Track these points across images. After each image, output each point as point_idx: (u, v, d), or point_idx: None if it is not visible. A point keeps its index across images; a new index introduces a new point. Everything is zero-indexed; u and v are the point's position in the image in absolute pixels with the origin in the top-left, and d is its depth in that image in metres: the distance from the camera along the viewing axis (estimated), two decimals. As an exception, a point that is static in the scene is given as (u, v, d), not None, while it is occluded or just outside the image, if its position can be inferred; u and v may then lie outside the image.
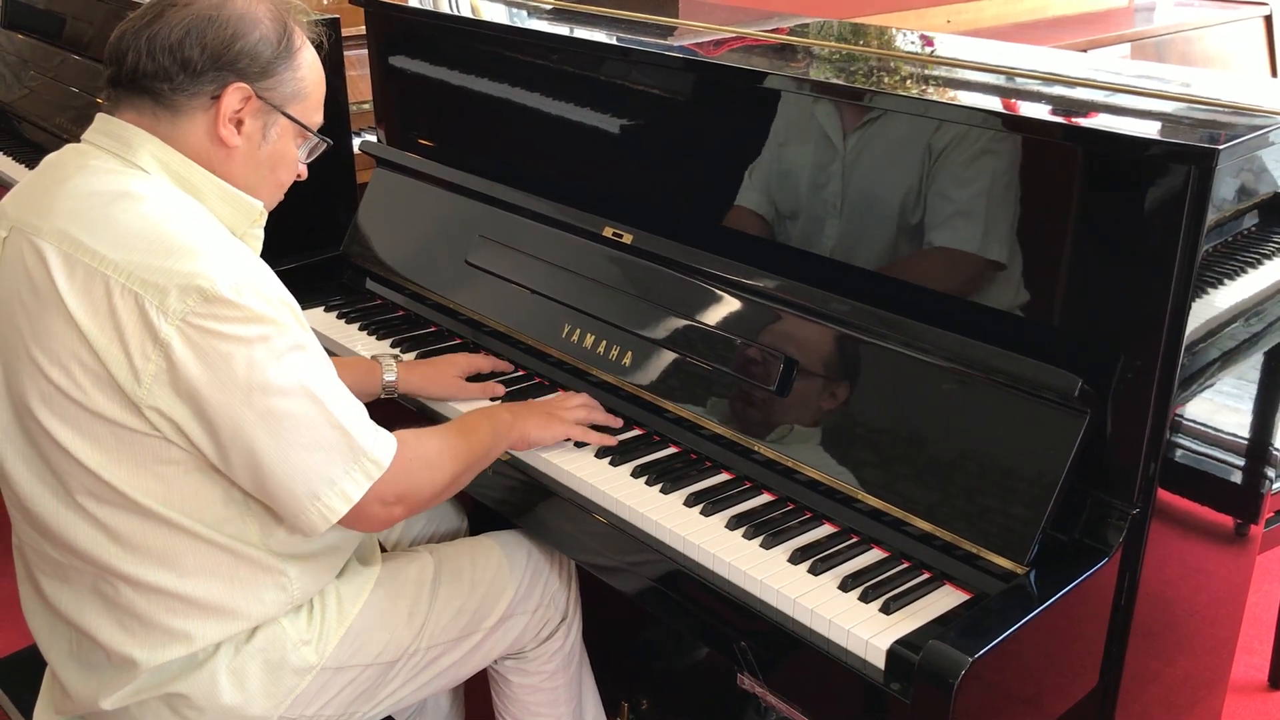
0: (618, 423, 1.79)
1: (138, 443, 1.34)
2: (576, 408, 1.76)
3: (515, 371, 1.98)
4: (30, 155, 3.24)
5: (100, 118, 1.45)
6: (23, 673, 1.82)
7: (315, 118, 1.52)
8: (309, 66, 1.49)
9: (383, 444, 1.42)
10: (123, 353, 1.30)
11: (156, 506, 1.37)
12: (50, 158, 1.48)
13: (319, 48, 1.52)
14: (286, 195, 1.59)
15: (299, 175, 1.57)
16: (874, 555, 1.49)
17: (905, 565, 1.46)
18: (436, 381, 1.91)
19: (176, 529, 1.39)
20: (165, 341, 1.29)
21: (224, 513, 1.41)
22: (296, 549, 1.48)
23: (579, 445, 1.73)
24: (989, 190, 1.51)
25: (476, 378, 1.95)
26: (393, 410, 1.92)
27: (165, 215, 1.35)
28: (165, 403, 1.31)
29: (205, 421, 1.32)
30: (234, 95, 1.41)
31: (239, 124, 1.43)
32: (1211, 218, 1.34)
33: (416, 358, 2.05)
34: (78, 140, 1.48)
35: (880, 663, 1.31)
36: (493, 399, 1.89)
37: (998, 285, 1.52)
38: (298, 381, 1.34)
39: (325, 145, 1.55)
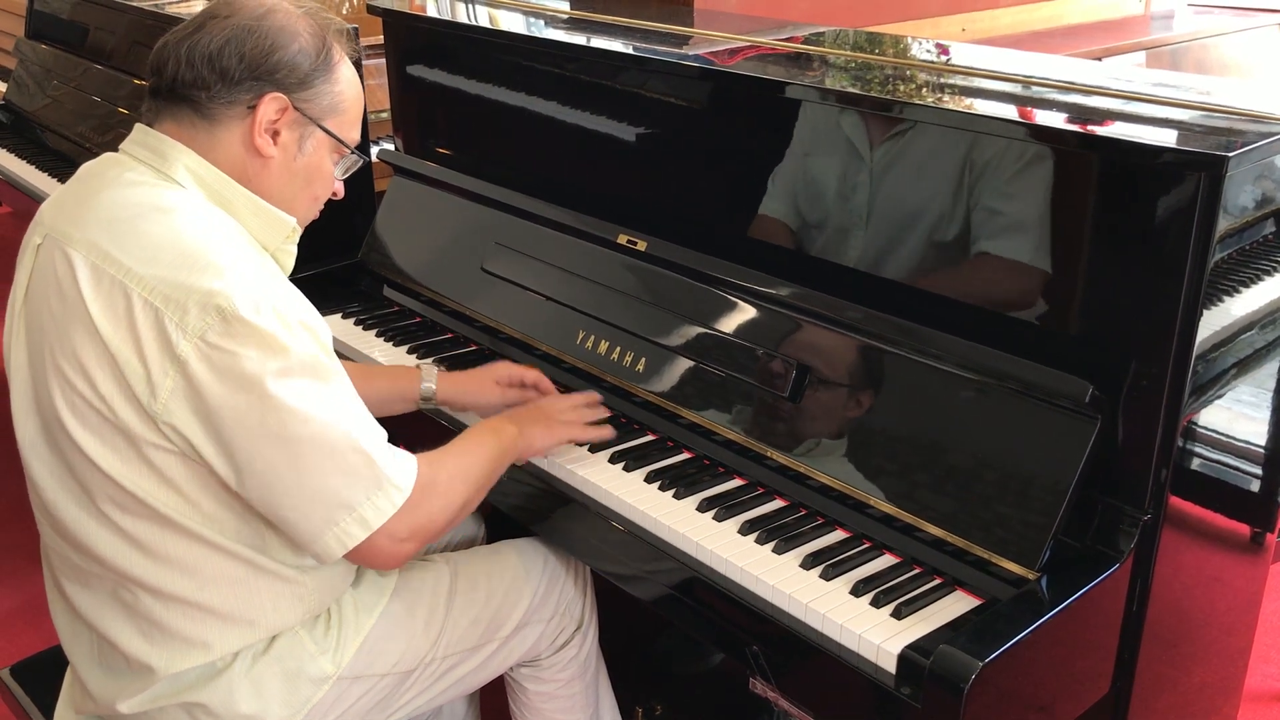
0: (606, 411, 1.79)
1: (156, 456, 1.34)
2: (572, 408, 1.76)
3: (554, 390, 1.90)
4: (52, 164, 3.28)
5: (138, 129, 1.45)
6: (44, 674, 1.85)
7: (352, 134, 1.52)
8: (347, 82, 1.49)
9: (405, 469, 1.40)
10: (142, 366, 1.30)
11: (176, 517, 1.37)
12: (87, 166, 1.49)
13: (356, 64, 1.53)
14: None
15: (335, 193, 1.56)
16: (886, 560, 1.49)
17: (917, 570, 1.46)
18: (477, 391, 1.86)
19: (196, 539, 1.39)
20: (182, 359, 1.28)
21: (241, 526, 1.41)
22: (313, 560, 1.49)
23: (593, 450, 1.74)
24: (1003, 198, 1.51)
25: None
26: (419, 424, 1.91)
27: (194, 229, 1.35)
28: (181, 420, 1.31)
29: (221, 443, 1.31)
30: (270, 105, 1.41)
31: (275, 135, 1.44)
32: (1224, 225, 1.34)
33: (435, 362, 2.06)
34: (97, 149, 1.49)
35: (891, 667, 1.31)
36: None
37: (1010, 292, 1.53)
38: (314, 406, 1.32)
39: (361, 162, 1.56)
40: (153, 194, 1.39)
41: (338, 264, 2.38)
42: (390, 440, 1.42)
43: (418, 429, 1.89)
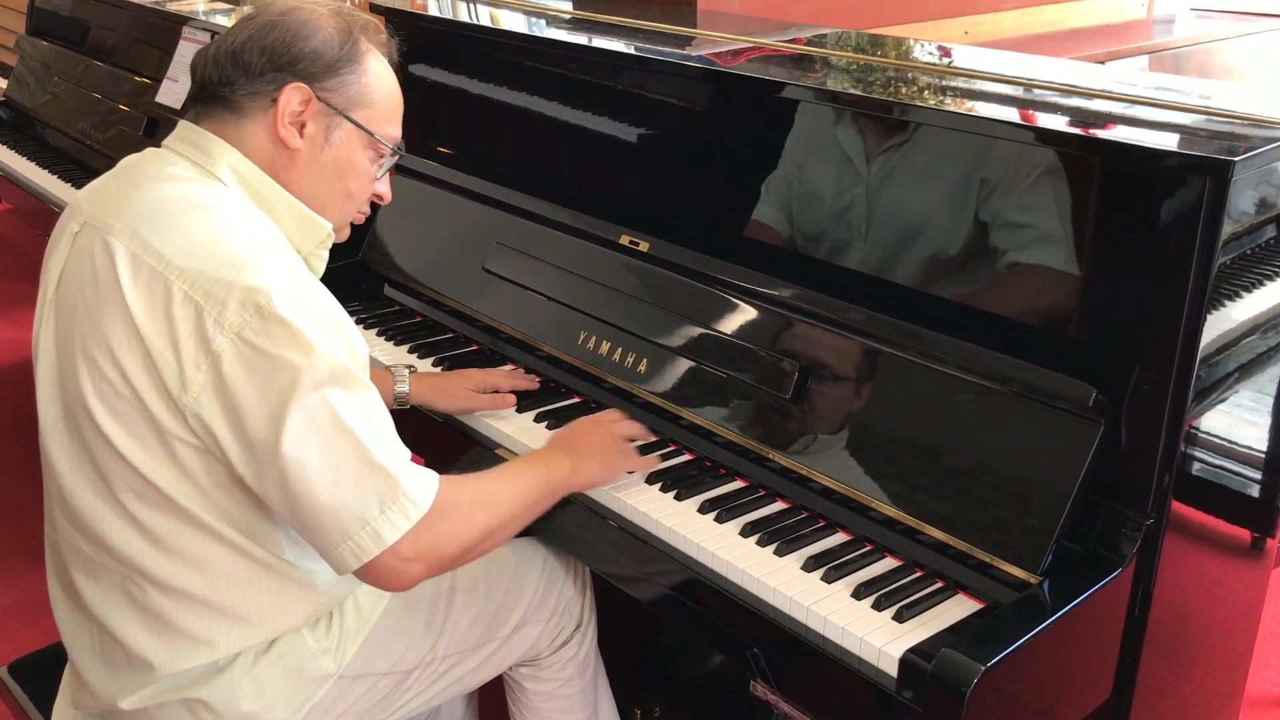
0: (650, 436, 1.75)
1: (179, 449, 1.34)
2: (630, 437, 1.71)
3: (536, 387, 1.94)
4: (53, 160, 3.28)
5: (183, 124, 1.47)
6: (42, 672, 1.84)
7: (386, 129, 1.50)
8: (375, 75, 1.48)
9: (424, 486, 1.36)
10: (175, 358, 1.30)
11: (195, 510, 1.37)
12: (130, 159, 1.50)
13: (392, 64, 1.52)
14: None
15: (379, 197, 1.55)
16: (887, 563, 1.49)
17: (918, 574, 1.46)
18: (447, 394, 1.88)
19: (211, 534, 1.39)
20: (217, 354, 1.29)
21: (257, 524, 1.40)
22: (325, 565, 1.48)
23: (594, 452, 1.73)
24: (1007, 203, 1.51)
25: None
26: (417, 421, 1.92)
27: (234, 227, 1.36)
28: (209, 413, 1.30)
29: (245, 441, 1.31)
30: (292, 95, 1.42)
31: (301, 127, 1.44)
32: (1228, 229, 1.34)
33: (434, 364, 2.06)
34: (98, 146, 1.50)
35: (893, 671, 1.31)
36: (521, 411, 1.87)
37: (1013, 296, 1.52)
38: (338, 413, 1.30)
39: (398, 156, 1.54)
40: (194, 189, 1.40)
41: (338, 263, 2.37)
42: (428, 462, 1.40)
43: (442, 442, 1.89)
